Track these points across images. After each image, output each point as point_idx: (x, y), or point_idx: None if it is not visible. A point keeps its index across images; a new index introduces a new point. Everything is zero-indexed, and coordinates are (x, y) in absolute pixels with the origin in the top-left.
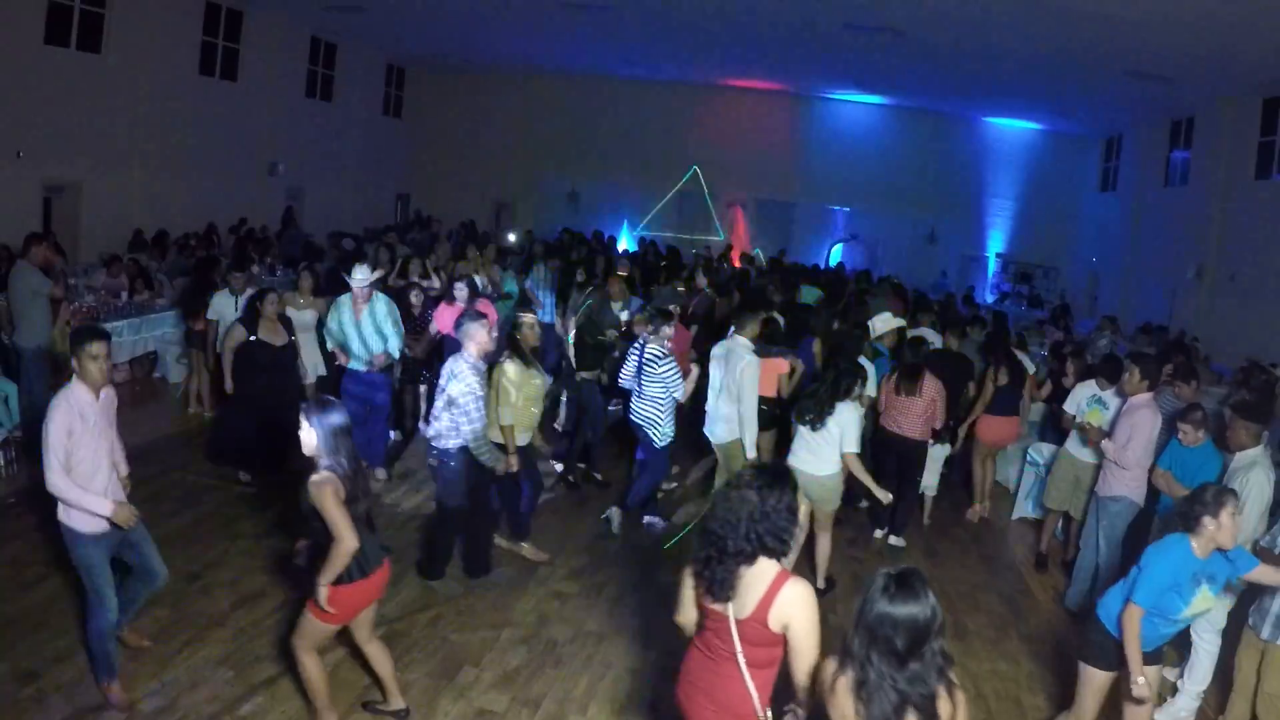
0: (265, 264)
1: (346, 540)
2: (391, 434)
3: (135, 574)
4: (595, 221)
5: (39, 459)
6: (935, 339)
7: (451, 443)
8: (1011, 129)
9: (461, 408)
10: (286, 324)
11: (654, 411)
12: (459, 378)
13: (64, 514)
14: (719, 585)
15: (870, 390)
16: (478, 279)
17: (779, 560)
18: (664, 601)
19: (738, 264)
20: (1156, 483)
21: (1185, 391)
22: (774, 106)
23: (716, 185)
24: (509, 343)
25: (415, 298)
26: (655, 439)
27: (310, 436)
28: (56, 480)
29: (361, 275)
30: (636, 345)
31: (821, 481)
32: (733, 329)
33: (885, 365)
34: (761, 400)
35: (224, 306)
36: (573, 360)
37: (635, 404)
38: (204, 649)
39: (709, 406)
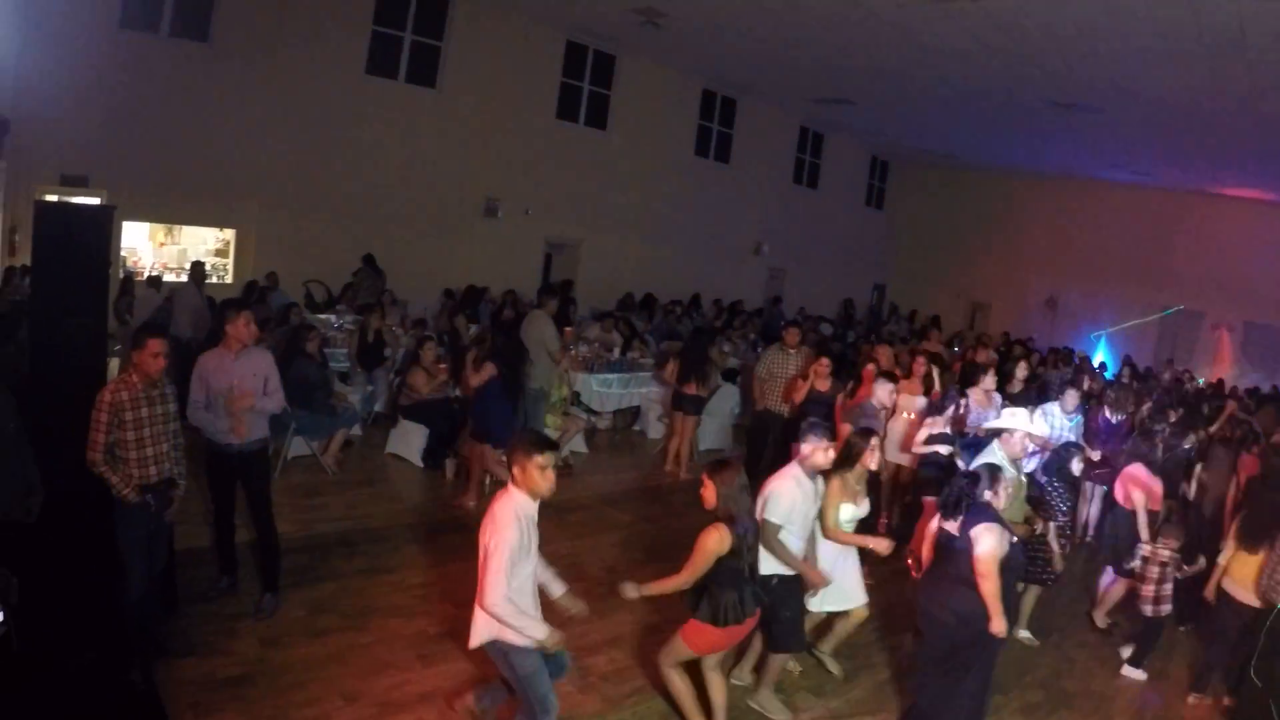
0: (749, 340)
1: (682, 577)
2: None
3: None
4: (1072, 330)
5: None
6: None
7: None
8: None
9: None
10: None
11: None
12: None
13: (496, 631)
14: None
15: None
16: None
17: None
18: None
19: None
20: None
21: None
22: (1271, 219)
23: (1202, 303)
24: None
25: None
26: None
27: (709, 494)
28: (501, 604)
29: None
30: None
31: None
32: None
33: None
34: None
35: None
36: None
37: None
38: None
39: None
